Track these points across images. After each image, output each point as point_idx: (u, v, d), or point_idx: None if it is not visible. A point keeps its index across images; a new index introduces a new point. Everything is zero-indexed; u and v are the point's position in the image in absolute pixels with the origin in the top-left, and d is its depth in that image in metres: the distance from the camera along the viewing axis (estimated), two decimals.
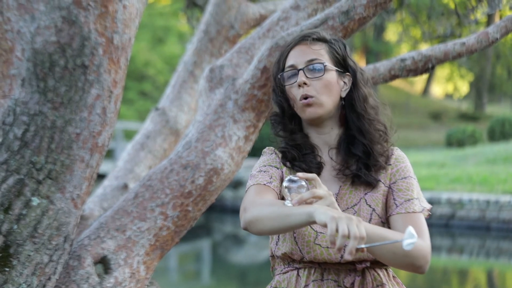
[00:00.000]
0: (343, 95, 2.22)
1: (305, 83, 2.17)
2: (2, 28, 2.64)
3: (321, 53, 2.20)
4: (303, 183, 1.94)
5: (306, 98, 2.17)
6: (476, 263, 11.92)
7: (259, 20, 4.73)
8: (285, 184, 1.95)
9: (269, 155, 2.27)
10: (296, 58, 2.20)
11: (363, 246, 1.82)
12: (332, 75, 2.19)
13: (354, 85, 2.24)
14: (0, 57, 2.66)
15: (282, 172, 2.23)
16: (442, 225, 13.90)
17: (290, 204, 1.94)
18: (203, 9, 6.22)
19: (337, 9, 3.10)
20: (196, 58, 4.68)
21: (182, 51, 22.81)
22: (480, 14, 4.56)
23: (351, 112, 2.23)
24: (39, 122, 2.64)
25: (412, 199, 2.17)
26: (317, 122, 2.21)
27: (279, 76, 2.22)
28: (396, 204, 2.17)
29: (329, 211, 1.84)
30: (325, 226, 1.82)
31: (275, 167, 2.23)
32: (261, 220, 2.01)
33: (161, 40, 26.68)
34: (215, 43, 4.66)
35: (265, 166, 2.23)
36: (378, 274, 2.20)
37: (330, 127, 2.23)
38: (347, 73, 2.23)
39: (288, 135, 2.25)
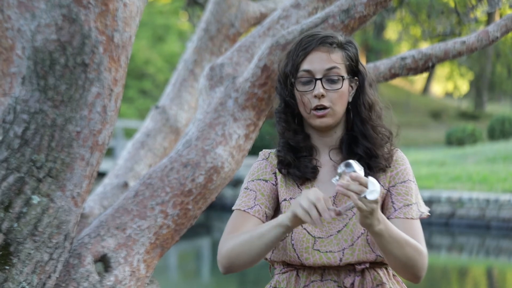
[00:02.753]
0: (350, 99, 2.21)
1: (322, 95, 2.14)
2: (3, 26, 2.64)
3: (339, 62, 2.16)
4: (357, 169, 1.94)
5: (320, 108, 2.15)
6: (476, 261, 11.92)
7: (260, 19, 4.73)
8: (340, 169, 1.95)
9: (260, 162, 2.25)
10: (313, 64, 2.15)
11: (335, 208, 1.93)
12: (346, 84, 2.17)
13: (361, 89, 2.22)
14: (1, 55, 2.66)
15: (272, 183, 2.22)
16: (442, 223, 13.91)
17: (335, 182, 1.95)
18: (203, 7, 6.22)
19: (338, 7, 3.09)
20: (196, 57, 4.68)
21: (182, 50, 22.78)
22: (480, 13, 4.56)
23: (356, 116, 2.21)
24: (39, 120, 2.64)
25: (410, 204, 2.16)
26: (325, 130, 2.20)
27: (293, 80, 2.18)
28: (394, 208, 2.16)
29: (291, 206, 1.95)
30: (296, 218, 1.94)
31: (263, 180, 2.22)
32: (237, 254, 2.07)
33: (161, 39, 26.67)
34: (215, 41, 4.66)
35: (253, 181, 2.22)
36: (378, 273, 2.19)
37: (334, 131, 2.22)
38: (355, 77, 2.22)
39: (291, 135, 2.23)
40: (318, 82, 2.14)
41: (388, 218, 2.16)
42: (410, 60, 3.45)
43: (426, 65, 3.45)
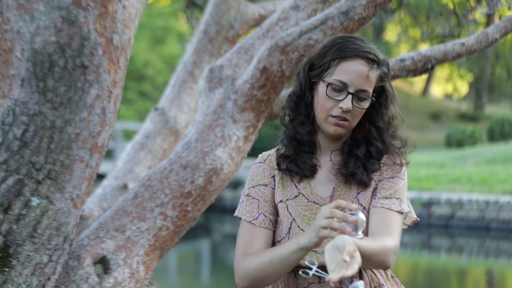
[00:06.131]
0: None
1: (349, 110, 2.14)
2: (2, 28, 2.64)
3: (373, 82, 2.16)
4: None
5: (340, 119, 2.15)
6: (476, 263, 11.93)
7: (259, 21, 4.73)
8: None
9: (258, 165, 2.26)
10: (350, 77, 2.13)
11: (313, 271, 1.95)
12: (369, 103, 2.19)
13: (384, 105, 2.22)
14: (0, 57, 2.66)
15: (272, 187, 2.23)
16: (441, 225, 13.91)
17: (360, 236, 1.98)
18: (202, 9, 6.22)
19: (337, 9, 3.10)
20: (195, 58, 4.68)
21: (182, 51, 22.79)
22: (479, 14, 4.56)
23: (372, 125, 2.22)
24: (38, 122, 2.64)
25: (391, 198, 2.17)
26: (335, 138, 2.21)
27: (326, 84, 2.16)
28: (374, 198, 2.17)
29: (310, 231, 1.97)
30: (322, 239, 1.95)
31: (263, 185, 2.23)
32: (258, 277, 2.11)
33: (160, 40, 26.67)
34: (214, 43, 4.67)
35: (254, 187, 2.23)
36: (376, 275, 2.20)
37: (340, 137, 2.23)
38: (375, 94, 2.21)
39: (296, 125, 2.23)
40: (350, 96, 2.13)
41: (369, 209, 2.17)
42: (410, 62, 3.45)
43: (426, 67, 3.45)
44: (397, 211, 2.16)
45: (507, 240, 13.32)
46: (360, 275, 2.18)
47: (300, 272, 2.01)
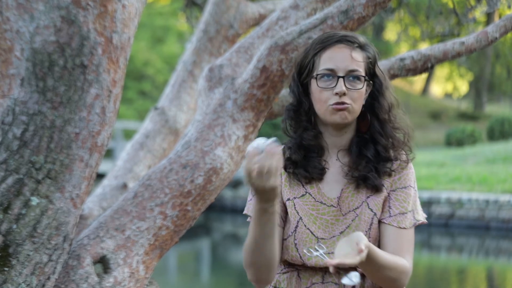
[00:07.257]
0: (363, 102, 2.21)
1: (344, 93, 2.13)
2: (1, 27, 2.64)
3: (360, 61, 2.16)
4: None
5: (341, 104, 2.14)
6: (476, 262, 11.93)
7: (258, 20, 4.73)
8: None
9: None
10: (336, 62, 2.14)
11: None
12: (365, 85, 2.18)
13: (379, 92, 2.22)
14: None
15: (279, 185, 2.22)
16: (441, 224, 13.91)
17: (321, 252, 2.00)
18: (202, 8, 6.22)
19: (336, 8, 3.09)
20: (195, 58, 4.68)
21: (181, 51, 22.80)
22: (479, 13, 4.56)
23: (374, 117, 2.21)
24: (38, 122, 2.64)
25: (406, 213, 2.16)
26: (340, 127, 2.20)
27: (315, 76, 2.16)
28: (390, 213, 2.16)
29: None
30: (255, 189, 1.99)
31: None
32: (252, 261, 2.10)
33: (160, 40, 26.68)
34: (214, 42, 4.66)
35: None
36: None
37: (345, 131, 2.21)
38: (370, 81, 2.22)
39: (300, 132, 2.22)
40: (341, 80, 2.13)
41: (381, 220, 2.16)
42: (409, 61, 3.45)
43: (425, 66, 3.45)
44: (411, 227, 2.16)
45: (507, 239, 13.34)
46: (364, 275, 2.17)
47: (304, 250, 2.00)
